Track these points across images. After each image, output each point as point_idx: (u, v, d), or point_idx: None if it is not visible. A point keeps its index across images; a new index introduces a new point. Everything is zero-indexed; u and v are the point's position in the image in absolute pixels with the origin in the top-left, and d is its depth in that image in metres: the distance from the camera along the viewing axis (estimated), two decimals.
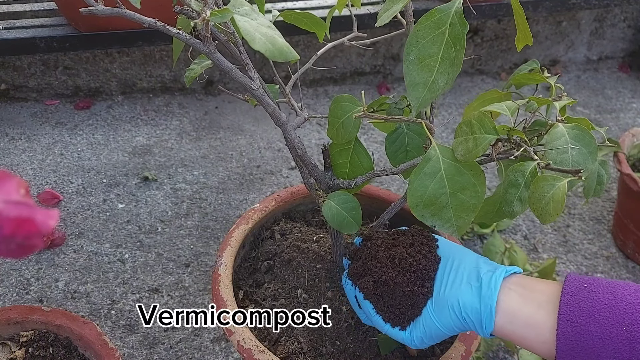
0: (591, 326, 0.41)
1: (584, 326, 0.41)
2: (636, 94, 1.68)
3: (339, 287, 0.67)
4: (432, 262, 0.53)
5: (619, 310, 0.41)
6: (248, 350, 0.59)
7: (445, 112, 1.54)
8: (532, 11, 1.45)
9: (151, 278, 1.00)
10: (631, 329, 0.40)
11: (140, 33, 1.24)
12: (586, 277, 0.45)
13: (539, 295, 0.46)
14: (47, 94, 1.48)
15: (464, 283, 0.49)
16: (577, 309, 0.42)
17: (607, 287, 0.43)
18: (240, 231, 0.74)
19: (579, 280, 0.44)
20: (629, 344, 0.40)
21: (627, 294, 0.41)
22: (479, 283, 0.48)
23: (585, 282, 0.43)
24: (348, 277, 0.59)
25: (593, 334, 0.41)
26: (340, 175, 0.59)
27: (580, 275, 0.45)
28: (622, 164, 1.04)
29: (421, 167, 0.45)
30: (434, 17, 0.39)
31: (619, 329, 0.40)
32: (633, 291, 0.42)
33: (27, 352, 0.67)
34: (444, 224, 0.45)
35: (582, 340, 0.41)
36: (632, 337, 0.40)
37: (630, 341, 0.40)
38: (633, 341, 0.40)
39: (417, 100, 0.40)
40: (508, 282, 0.48)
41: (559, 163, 0.41)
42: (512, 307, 0.46)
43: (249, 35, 0.38)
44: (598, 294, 0.42)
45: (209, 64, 0.59)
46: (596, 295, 0.42)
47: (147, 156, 1.30)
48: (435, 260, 0.54)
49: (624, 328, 0.40)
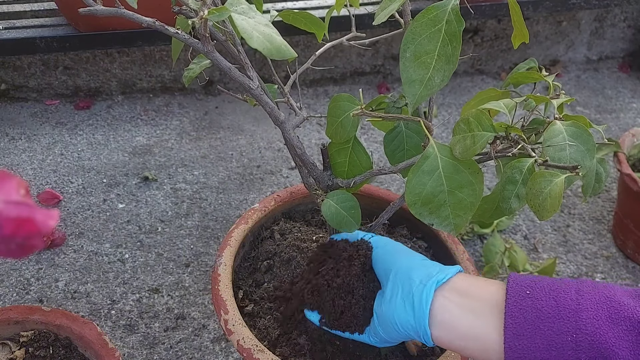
0: (537, 339, 0.41)
1: (530, 339, 0.41)
2: (636, 94, 1.68)
3: None
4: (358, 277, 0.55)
5: (563, 319, 0.40)
6: (248, 349, 0.59)
7: (445, 111, 1.54)
8: (532, 11, 1.45)
9: (151, 278, 1.00)
10: (575, 338, 0.40)
11: (140, 33, 1.24)
12: (529, 279, 0.44)
13: (476, 303, 0.45)
14: (47, 94, 1.48)
15: (399, 298, 0.49)
16: (522, 321, 0.41)
17: (550, 292, 0.42)
18: (240, 231, 0.74)
19: (522, 285, 0.43)
20: (575, 353, 0.40)
21: (569, 299, 0.41)
22: (412, 298, 0.47)
23: (528, 288, 0.43)
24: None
25: (540, 346, 0.41)
26: (339, 174, 0.59)
27: (522, 277, 0.44)
28: (622, 164, 1.04)
29: (419, 165, 0.45)
30: (430, 14, 0.39)
31: (564, 339, 0.40)
32: (574, 294, 0.41)
33: (27, 352, 0.67)
34: (442, 222, 0.45)
35: (529, 352, 0.41)
36: (577, 346, 0.39)
37: (575, 350, 0.39)
38: (578, 350, 0.39)
39: (414, 97, 0.40)
40: (444, 289, 0.47)
41: (556, 160, 0.41)
42: (448, 319, 0.46)
43: (247, 34, 0.38)
44: (541, 302, 0.41)
45: (207, 63, 0.59)
46: (539, 303, 0.41)
47: (147, 156, 1.30)
48: (363, 274, 0.56)
49: (569, 337, 0.40)
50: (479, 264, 1.05)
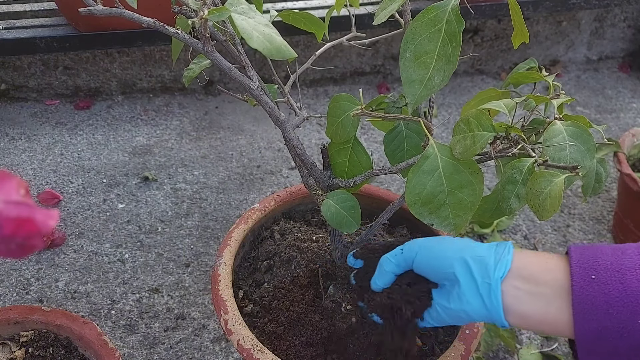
0: (606, 322, 0.42)
1: (600, 322, 0.42)
2: (636, 94, 1.68)
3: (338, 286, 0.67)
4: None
5: (631, 303, 0.41)
6: (248, 349, 0.59)
7: (445, 112, 1.54)
8: (532, 11, 1.45)
9: (151, 278, 1.00)
10: None
11: (140, 33, 1.25)
12: (592, 256, 0.44)
13: (544, 289, 0.46)
14: (47, 94, 1.48)
15: (467, 297, 0.50)
16: (590, 307, 0.42)
17: (615, 272, 0.43)
18: (240, 231, 0.74)
19: (586, 268, 0.44)
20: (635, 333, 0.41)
21: (635, 280, 0.42)
22: (481, 296, 0.48)
23: (593, 271, 0.43)
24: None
25: (609, 328, 0.42)
26: (339, 174, 0.59)
27: (584, 255, 0.45)
28: (622, 164, 1.04)
29: (419, 165, 0.45)
30: (430, 14, 0.39)
31: (633, 321, 0.41)
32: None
33: (27, 352, 0.67)
34: (442, 222, 0.45)
35: (599, 334, 0.42)
36: None
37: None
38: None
39: (414, 97, 0.40)
40: (509, 278, 0.48)
41: (556, 160, 0.41)
42: (522, 309, 0.47)
43: (247, 34, 0.38)
44: (608, 286, 0.42)
45: (207, 63, 0.59)
46: (606, 288, 0.42)
47: (147, 156, 1.30)
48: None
49: (638, 319, 0.41)
50: None
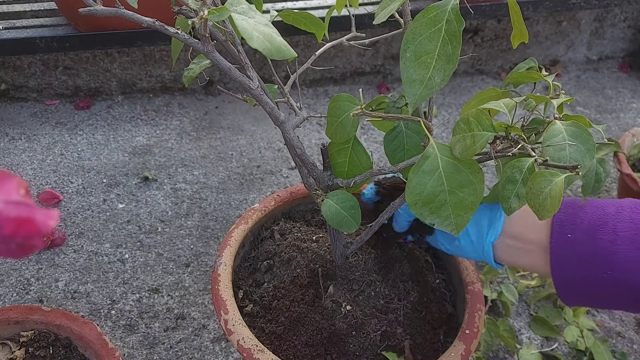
0: (578, 273, 0.51)
1: (573, 273, 0.51)
2: (636, 94, 1.68)
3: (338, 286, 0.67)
4: None
5: (598, 263, 0.50)
6: (248, 349, 0.59)
7: (445, 111, 1.54)
8: (532, 11, 1.45)
9: (151, 278, 1.00)
10: (612, 275, 0.49)
11: (140, 33, 1.24)
12: (570, 218, 0.53)
13: (531, 246, 0.56)
14: (47, 94, 1.48)
15: (463, 249, 0.63)
16: (565, 262, 0.52)
17: (589, 231, 0.50)
18: (240, 231, 0.74)
19: (564, 229, 0.52)
20: (613, 285, 0.49)
21: (606, 240, 0.49)
22: (475, 252, 0.61)
23: (570, 231, 0.52)
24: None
25: (581, 278, 0.51)
26: (339, 174, 0.59)
27: (566, 217, 0.53)
28: (622, 164, 1.04)
29: (419, 165, 0.45)
30: (430, 14, 0.39)
31: (602, 276, 0.49)
32: (611, 234, 0.49)
33: (27, 352, 0.67)
34: (443, 222, 0.45)
35: (573, 282, 0.52)
36: (614, 280, 0.49)
37: (613, 283, 0.49)
38: (615, 284, 0.49)
39: (414, 96, 0.40)
40: (501, 238, 0.59)
41: (556, 160, 0.41)
42: (511, 261, 0.59)
43: (247, 34, 0.38)
44: (581, 245, 0.51)
45: (207, 63, 0.59)
46: (579, 246, 0.51)
47: (147, 156, 1.30)
48: None
49: (605, 275, 0.49)
50: (479, 263, 1.05)
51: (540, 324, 0.94)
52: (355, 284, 0.66)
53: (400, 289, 0.68)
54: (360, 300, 0.66)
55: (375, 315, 0.65)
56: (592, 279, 0.50)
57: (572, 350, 0.92)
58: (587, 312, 0.98)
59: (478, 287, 0.69)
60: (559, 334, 0.93)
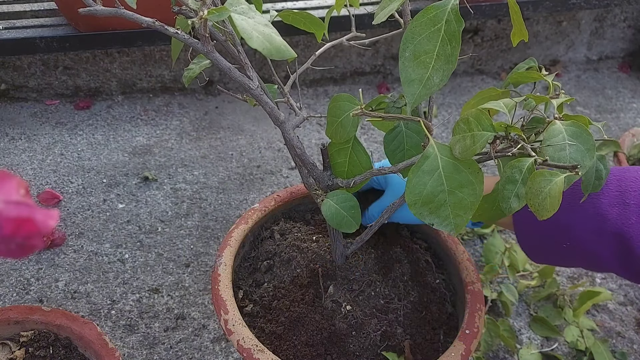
0: (539, 242, 0.59)
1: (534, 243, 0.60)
2: (636, 94, 1.68)
3: (338, 286, 0.67)
4: None
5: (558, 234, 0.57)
6: (248, 349, 0.59)
7: (445, 111, 1.54)
8: (532, 11, 1.45)
9: (151, 278, 1.00)
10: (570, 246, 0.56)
11: (140, 33, 1.24)
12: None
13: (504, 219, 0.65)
14: (47, 94, 1.48)
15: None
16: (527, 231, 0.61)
17: None
18: (240, 231, 0.74)
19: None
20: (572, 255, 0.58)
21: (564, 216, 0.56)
22: None
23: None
24: None
25: (542, 245, 0.59)
26: (339, 174, 0.59)
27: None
28: (622, 163, 1.04)
29: (419, 165, 0.45)
30: (429, 14, 0.39)
31: (562, 247, 0.57)
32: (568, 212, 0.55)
33: (27, 352, 0.67)
34: (442, 222, 0.45)
35: (534, 247, 0.61)
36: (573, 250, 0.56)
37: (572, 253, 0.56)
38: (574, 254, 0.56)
39: (413, 96, 0.40)
40: None
41: (556, 160, 0.41)
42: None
43: (246, 34, 0.38)
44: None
45: (207, 63, 0.59)
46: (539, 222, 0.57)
47: (147, 156, 1.30)
48: None
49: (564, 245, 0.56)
50: (479, 264, 1.05)
51: (540, 324, 0.94)
52: (355, 284, 0.67)
53: (400, 289, 0.68)
54: (360, 300, 0.66)
55: (375, 315, 0.65)
56: (554, 249, 0.58)
57: (572, 350, 0.92)
58: (587, 312, 0.98)
59: (478, 287, 0.69)
60: (559, 334, 0.93)
